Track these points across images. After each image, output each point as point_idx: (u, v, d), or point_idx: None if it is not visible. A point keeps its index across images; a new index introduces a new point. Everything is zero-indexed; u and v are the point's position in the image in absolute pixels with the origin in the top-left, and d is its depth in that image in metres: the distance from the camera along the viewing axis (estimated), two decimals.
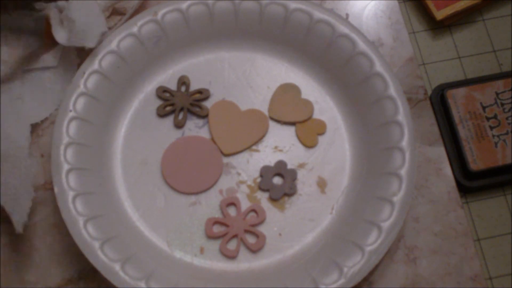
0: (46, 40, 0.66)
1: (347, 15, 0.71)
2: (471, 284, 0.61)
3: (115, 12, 0.68)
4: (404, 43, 0.69)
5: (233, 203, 0.63)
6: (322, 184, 0.64)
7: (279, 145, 0.65)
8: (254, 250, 0.61)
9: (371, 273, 0.61)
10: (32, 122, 0.65)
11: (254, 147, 0.65)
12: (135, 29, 0.65)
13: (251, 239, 0.62)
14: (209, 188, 0.64)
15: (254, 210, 0.63)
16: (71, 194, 0.59)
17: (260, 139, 0.65)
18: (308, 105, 0.66)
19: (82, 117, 0.63)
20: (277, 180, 0.64)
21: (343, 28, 0.65)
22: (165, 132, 0.66)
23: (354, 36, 0.65)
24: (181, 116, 0.66)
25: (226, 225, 0.62)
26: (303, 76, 0.68)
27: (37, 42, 0.67)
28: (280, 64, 0.68)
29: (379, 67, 0.64)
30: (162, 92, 0.67)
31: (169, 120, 0.66)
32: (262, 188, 0.64)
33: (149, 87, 0.67)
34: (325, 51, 0.66)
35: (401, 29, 0.70)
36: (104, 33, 0.64)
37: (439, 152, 0.66)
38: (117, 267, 0.57)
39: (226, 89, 0.67)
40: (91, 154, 0.63)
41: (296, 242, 0.62)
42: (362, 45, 0.65)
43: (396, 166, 0.61)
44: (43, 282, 0.61)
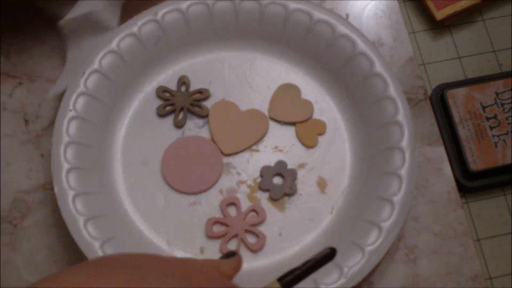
0: None
1: (347, 15, 0.71)
2: (471, 284, 0.61)
3: None
4: (404, 43, 0.69)
5: (233, 203, 0.63)
6: (322, 184, 0.64)
7: (279, 145, 0.65)
8: (255, 250, 0.61)
9: (371, 273, 0.61)
10: None
11: (254, 147, 0.65)
12: (135, 29, 0.65)
13: (251, 239, 0.62)
14: (209, 188, 0.64)
15: (254, 210, 0.63)
16: (71, 194, 0.59)
17: (260, 139, 0.65)
18: (308, 105, 0.66)
19: (82, 117, 0.62)
20: (277, 180, 0.64)
21: (343, 29, 0.65)
22: (165, 132, 0.66)
23: (354, 36, 0.65)
24: (181, 116, 0.66)
25: (226, 225, 0.62)
26: (303, 76, 0.68)
27: None
28: (280, 64, 0.68)
29: (379, 67, 0.64)
30: (162, 92, 0.66)
31: (169, 120, 0.66)
32: (262, 188, 0.64)
33: (149, 87, 0.67)
34: (325, 51, 0.66)
35: (401, 29, 0.71)
36: None
37: (439, 152, 0.66)
38: None
39: (226, 89, 0.67)
40: (91, 154, 0.63)
41: (296, 242, 0.62)
42: (362, 45, 0.65)
43: (396, 166, 0.61)
44: None
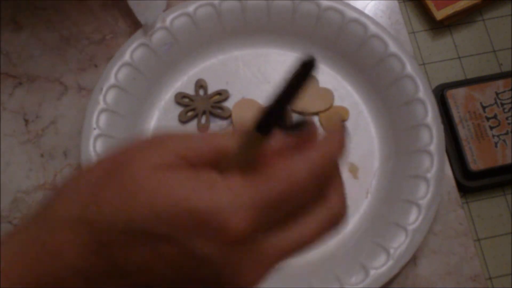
0: None
1: None
2: (471, 284, 0.61)
3: None
4: (404, 43, 0.70)
5: None
6: (354, 170, 0.64)
7: None
8: None
9: None
10: None
11: None
12: (146, 38, 0.64)
13: None
14: None
15: None
16: None
17: None
18: (328, 94, 0.66)
19: (107, 133, 0.62)
20: None
21: (352, 13, 0.66)
22: None
23: (364, 20, 0.66)
24: (204, 120, 0.65)
25: None
26: (318, 65, 0.68)
27: None
28: (293, 56, 0.68)
29: (394, 47, 0.65)
30: (181, 98, 0.66)
31: (193, 126, 0.65)
32: None
33: (167, 95, 0.66)
34: (337, 38, 0.66)
35: (401, 29, 0.71)
36: None
37: None
38: None
39: (244, 87, 0.67)
40: None
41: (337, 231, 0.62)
42: (373, 27, 0.65)
43: (425, 143, 0.62)
44: None
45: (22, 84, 0.68)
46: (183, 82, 0.67)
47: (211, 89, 0.67)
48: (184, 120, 0.65)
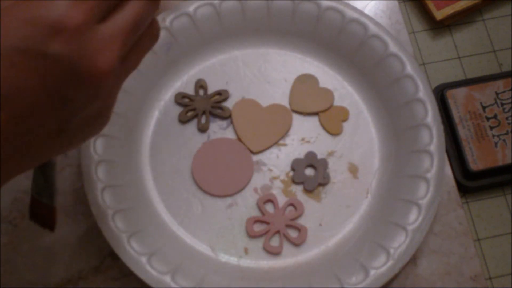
0: None
1: None
2: (471, 284, 0.61)
3: None
4: (404, 43, 0.70)
5: (270, 200, 0.63)
6: (354, 170, 0.64)
7: (306, 137, 0.65)
8: (298, 244, 0.61)
9: None
10: None
11: (281, 142, 0.65)
12: None
13: (293, 233, 0.62)
14: (244, 188, 0.63)
15: (292, 204, 0.63)
16: (110, 213, 0.58)
17: (286, 133, 0.65)
18: (328, 94, 0.66)
19: (107, 133, 0.61)
20: (309, 172, 0.64)
21: (352, 13, 0.66)
22: (191, 138, 0.65)
23: (364, 19, 0.66)
24: (204, 120, 0.65)
25: (267, 223, 0.62)
26: (318, 65, 0.68)
27: None
28: (293, 56, 0.68)
29: (393, 47, 0.65)
30: (181, 98, 0.66)
31: (193, 126, 0.65)
32: (296, 181, 0.63)
33: (167, 95, 0.66)
34: (337, 38, 0.66)
35: (401, 29, 0.71)
36: None
37: None
38: (168, 279, 0.56)
39: (244, 88, 0.67)
40: (121, 170, 0.62)
41: (337, 230, 0.62)
42: (373, 27, 0.65)
43: (425, 143, 0.62)
44: (43, 282, 0.61)
45: None
46: (183, 82, 0.67)
47: (211, 89, 0.67)
48: (184, 120, 0.65)
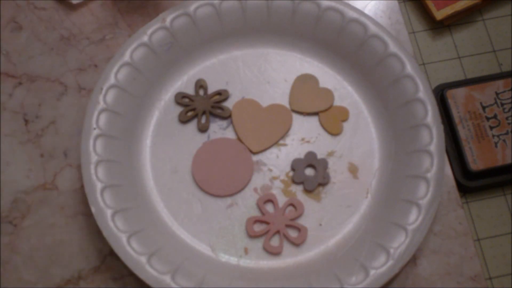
0: None
1: None
2: (471, 284, 0.61)
3: None
4: (404, 43, 0.70)
5: (270, 200, 0.63)
6: (354, 170, 0.64)
7: (306, 137, 0.65)
8: (298, 244, 0.61)
9: None
10: None
11: (281, 142, 0.65)
12: (146, 38, 0.64)
13: (293, 233, 0.62)
14: (244, 188, 0.63)
15: (292, 204, 0.63)
16: (109, 212, 0.58)
17: (286, 133, 0.65)
18: (328, 94, 0.66)
19: (107, 133, 0.62)
20: (309, 172, 0.64)
21: (352, 13, 0.66)
22: (191, 138, 0.65)
23: (364, 19, 0.66)
24: (204, 120, 0.65)
25: (267, 223, 0.62)
26: (318, 65, 0.68)
27: None
28: (293, 56, 0.68)
29: (393, 47, 0.65)
30: (181, 98, 0.66)
31: (193, 125, 0.65)
32: (296, 181, 0.63)
33: (167, 95, 0.66)
34: (337, 38, 0.66)
35: (401, 29, 0.71)
36: None
37: None
38: (168, 279, 0.56)
39: (244, 88, 0.67)
40: (121, 170, 0.62)
41: (337, 230, 0.62)
42: (373, 27, 0.65)
43: (425, 143, 0.62)
44: (43, 282, 0.61)
45: (22, 84, 0.68)
46: (183, 82, 0.67)
47: (211, 89, 0.67)
48: (184, 120, 0.65)
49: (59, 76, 0.68)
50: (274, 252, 0.61)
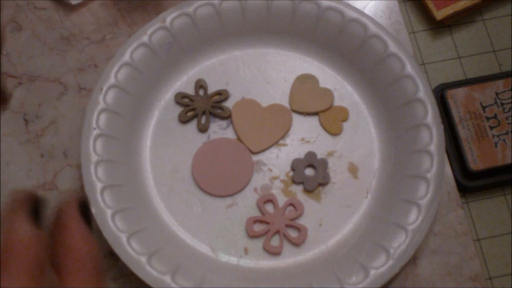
0: None
1: None
2: (471, 284, 0.61)
3: None
4: (404, 43, 0.70)
5: (270, 200, 0.63)
6: (354, 170, 0.64)
7: (306, 137, 0.65)
8: (298, 244, 0.61)
9: None
10: None
11: (281, 142, 0.65)
12: (146, 38, 0.64)
13: (293, 233, 0.62)
14: (244, 188, 0.63)
15: (292, 204, 0.63)
16: (109, 212, 0.58)
17: (286, 133, 0.65)
18: (328, 93, 0.66)
19: (107, 133, 0.61)
20: (309, 171, 0.64)
21: (352, 13, 0.66)
22: (191, 138, 0.65)
23: (364, 19, 0.66)
24: (204, 120, 0.65)
25: (267, 223, 0.62)
26: (318, 65, 0.68)
27: None
28: (293, 56, 0.68)
29: (394, 48, 0.65)
30: (181, 98, 0.66)
31: (192, 125, 0.65)
32: (296, 181, 0.63)
33: (167, 95, 0.66)
34: (337, 38, 0.66)
35: (401, 29, 0.71)
36: None
37: None
38: (168, 279, 0.56)
39: (244, 88, 0.67)
40: (121, 170, 0.62)
41: (337, 230, 0.62)
42: (373, 27, 0.65)
43: (425, 143, 0.62)
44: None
45: (22, 84, 0.68)
46: (183, 82, 0.67)
47: (211, 89, 0.67)
48: (184, 120, 0.65)
49: (59, 76, 0.68)
50: (274, 252, 0.61)
